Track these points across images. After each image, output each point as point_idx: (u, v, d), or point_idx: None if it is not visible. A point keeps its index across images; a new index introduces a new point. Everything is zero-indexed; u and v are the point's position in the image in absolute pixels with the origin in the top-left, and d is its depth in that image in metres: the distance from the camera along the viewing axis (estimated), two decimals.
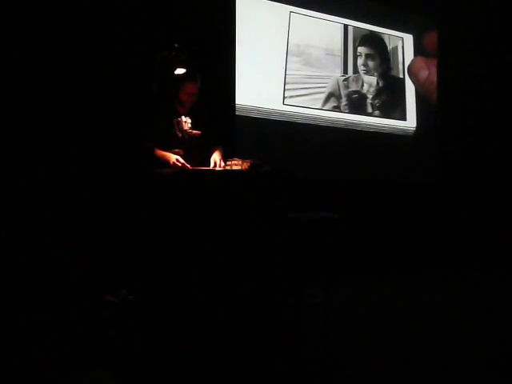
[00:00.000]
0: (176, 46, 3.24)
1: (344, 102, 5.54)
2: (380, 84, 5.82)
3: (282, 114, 5.11)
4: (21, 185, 3.67)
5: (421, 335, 3.28)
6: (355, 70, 5.65)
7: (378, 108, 5.80)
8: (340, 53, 5.55)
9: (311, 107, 5.30)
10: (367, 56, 5.75)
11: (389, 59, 5.94)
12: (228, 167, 3.09)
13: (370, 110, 5.73)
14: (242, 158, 3.09)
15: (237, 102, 4.84)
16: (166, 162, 3.11)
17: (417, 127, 6.09)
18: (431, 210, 6.06)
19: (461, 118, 6.35)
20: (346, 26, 5.60)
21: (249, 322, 2.80)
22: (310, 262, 3.19)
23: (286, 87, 5.15)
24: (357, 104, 5.64)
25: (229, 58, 4.76)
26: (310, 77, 5.31)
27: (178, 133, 3.32)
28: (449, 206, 6.18)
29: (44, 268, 3.59)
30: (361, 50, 5.71)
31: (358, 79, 5.65)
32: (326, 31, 5.46)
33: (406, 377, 2.67)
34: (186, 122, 3.32)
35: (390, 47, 5.95)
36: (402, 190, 5.92)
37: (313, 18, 5.38)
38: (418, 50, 6.14)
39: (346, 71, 5.57)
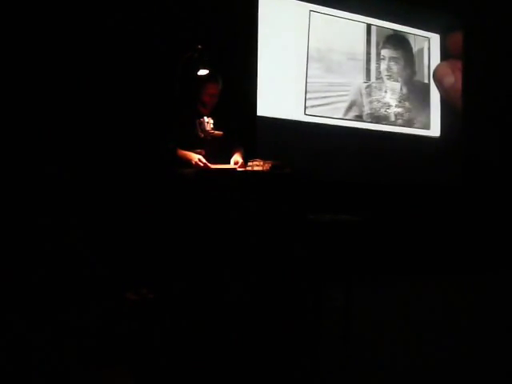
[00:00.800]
0: (199, 47, 3.28)
1: (366, 110, 5.47)
2: (403, 90, 5.73)
3: (304, 124, 5.07)
4: (46, 184, 3.74)
5: (441, 340, 3.22)
6: (378, 75, 5.56)
7: (401, 116, 5.70)
8: (362, 56, 5.46)
9: (333, 117, 5.25)
10: (391, 59, 5.64)
11: (414, 63, 5.81)
12: (249, 168, 3.10)
13: (392, 118, 5.65)
14: (264, 158, 3.09)
15: (258, 113, 4.80)
16: (188, 162, 3.12)
17: (441, 135, 5.97)
18: (453, 216, 5.96)
19: (486, 126, 6.24)
20: (368, 26, 5.50)
21: (268, 323, 2.78)
22: (329, 264, 3.16)
23: (308, 96, 5.11)
24: (379, 113, 5.56)
25: (251, 60, 4.79)
26: (331, 84, 5.25)
27: (200, 133, 3.34)
28: (472, 213, 6.06)
29: (66, 266, 3.63)
30: (384, 52, 5.61)
31: (380, 86, 5.57)
32: (348, 32, 5.37)
33: (425, 381, 2.61)
34: (208, 122, 3.34)
35: (415, 49, 5.81)
36: (424, 195, 5.84)
37: (334, 18, 5.29)
38: (446, 51, 5.96)
39: (368, 77, 5.49)
